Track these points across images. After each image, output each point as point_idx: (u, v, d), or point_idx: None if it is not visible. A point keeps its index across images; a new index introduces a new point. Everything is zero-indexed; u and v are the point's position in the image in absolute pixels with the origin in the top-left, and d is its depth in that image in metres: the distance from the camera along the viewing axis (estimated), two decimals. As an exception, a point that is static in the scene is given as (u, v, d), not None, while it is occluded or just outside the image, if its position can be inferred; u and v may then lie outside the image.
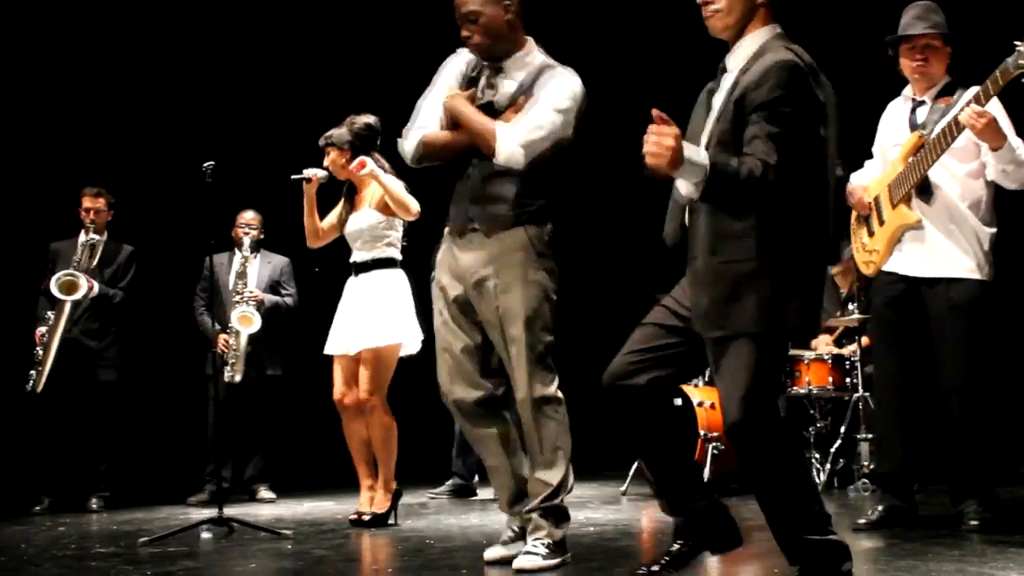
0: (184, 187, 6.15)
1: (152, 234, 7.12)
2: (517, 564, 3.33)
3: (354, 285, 4.91)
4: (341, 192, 5.09)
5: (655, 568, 2.89)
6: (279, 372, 6.59)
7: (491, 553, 3.55)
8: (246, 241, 6.39)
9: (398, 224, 4.91)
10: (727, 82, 2.76)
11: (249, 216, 6.53)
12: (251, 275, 6.43)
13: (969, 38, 3.82)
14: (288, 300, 6.59)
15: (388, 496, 4.84)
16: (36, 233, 6.75)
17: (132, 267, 6.51)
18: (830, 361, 5.88)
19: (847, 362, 5.91)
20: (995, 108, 3.83)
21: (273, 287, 6.56)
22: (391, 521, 4.80)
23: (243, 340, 6.18)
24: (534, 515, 3.44)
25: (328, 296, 5.12)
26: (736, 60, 2.77)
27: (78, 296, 6.14)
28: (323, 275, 5.17)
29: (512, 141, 3.34)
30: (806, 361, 5.93)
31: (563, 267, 3.53)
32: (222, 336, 6.24)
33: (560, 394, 3.46)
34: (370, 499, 4.92)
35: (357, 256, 4.91)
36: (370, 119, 4.95)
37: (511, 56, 3.50)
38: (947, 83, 4.01)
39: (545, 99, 3.38)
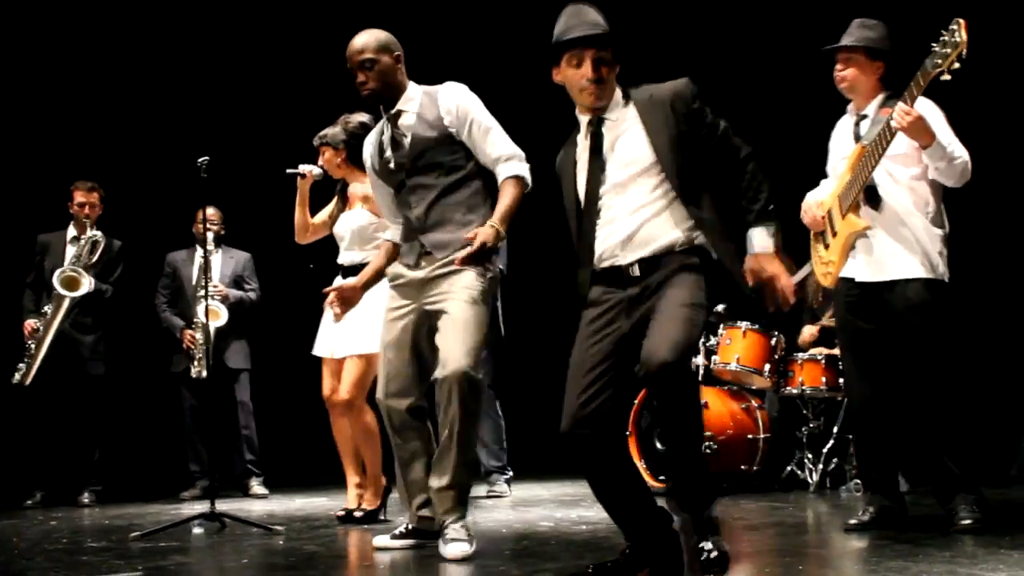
0: (169, 182, 6.19)
1: (139, 229, 7.14)
2: (450, 554, 3.53)
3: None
4: (334, 190, 5.09)
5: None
6: (247, 366, 6.63)
7: (379, 541, 3.94)
8: (209, 236, 6.42)
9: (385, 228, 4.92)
10: (628, 119, 3.12)
11: (210, 212, 6.55)
12: (214, 270, 6.46)
13: (918, 50, 3.87)
14: (251, 295, 6.66)
15: (377, 493, 4.84)
16: (22, 225, 6.74)
17: (121, 262, 6.52)
18: (823, 361, 5.89)
19: (840, 363, 5.91)
20: (929, 109, 3.89)
21: (236, 282, 6.62)
22: (382, 517, 4.81)
23: (211, 334, 6.20)
24: (447, 494, 3.65)
25: (299, 292, 5.13)
26: (618, 110, 3.13)
27: (79, 293, 6.13)
28: (292, 271, 5.18)
29: (522, 167, 3.77)
30: (799, 361, 5.94)
31: (540, 263, 3.67)
32: (187, 332, 6.27)
33: (479, 377, 3.65)
34: (357, 496, 4.93)
35: (345, 257, 4.90)
36: (364, 118, 4.94)
37: (399, 99, 3.85)
38: (889, 95, 4.07)
39: (479, 118, 3.79)
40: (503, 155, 3.77)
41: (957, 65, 3.55)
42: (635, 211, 3.06)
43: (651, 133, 3.08)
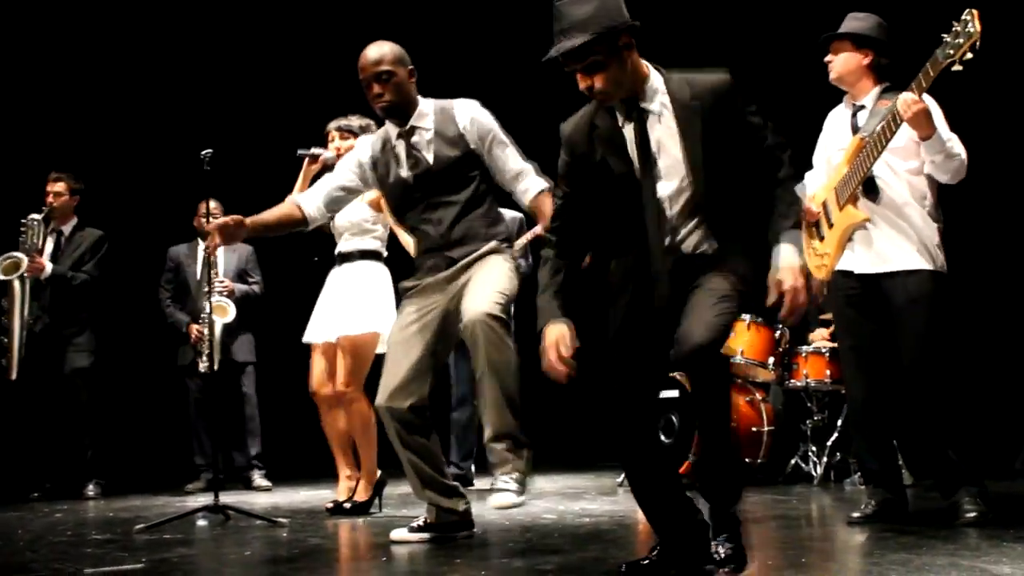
0: (171, 175, 6.16)
1: (143, 222, 7.11)
2: (494, 503, 3.43)
3: (337, 274, 4.94)
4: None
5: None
6: (253, 359, 6.63)
7: (396, 534, 3.82)
8: None
9: (385, 222, 4.95)
10: (665, 119, 2.90)
11: (211, 206, 6.53)
12: (219, 265, 6.45)
13: (917, 45, 3.86)
14: (255, 288, 6.68)
15: (369, 486, 4.85)
16: (3, 224, 6.72)
17: (100, 251, 6.46)
18: (827, 354, 5.89)
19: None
20: (929, 103, 3.87)
21: (240, 276, 6.62)
22: (373, 510, 4.81)
23: (218, 329, 6.20)
24: (496, 446, 3.50)
25: (301, 284, 5.14)
26: (656, 100, 2.91)
27: (22, 272, 6.06)
28: (295, 264, 5.19)
29: (543, 179, 3.78)
30: (804, 354, 5.95)
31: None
32: (195, 327, 6.26)
33: (505, 317, 3.55)
34: (348, 488, 4.94)
35: (343, 246, 4.95)
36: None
37: (413, 115, 3.81)
38: (888, 87, 4.06)
39: (499, 135, 3.79)
40: (524, 169, 3.79)
41: (970, 56, 3.53)
42: (686, 223, 2.94)
43: (687, 142, 2.90)
